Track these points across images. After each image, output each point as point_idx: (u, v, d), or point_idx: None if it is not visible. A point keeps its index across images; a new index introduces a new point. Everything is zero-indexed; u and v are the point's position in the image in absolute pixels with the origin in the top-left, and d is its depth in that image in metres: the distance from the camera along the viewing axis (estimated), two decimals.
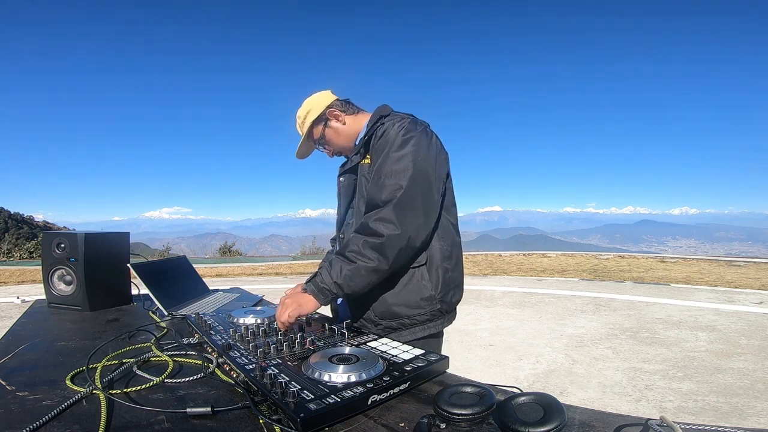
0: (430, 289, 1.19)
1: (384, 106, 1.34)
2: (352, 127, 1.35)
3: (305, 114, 1.36)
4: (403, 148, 1.13)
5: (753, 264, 8.51)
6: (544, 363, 3.39)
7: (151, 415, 0.73)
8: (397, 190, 1.10)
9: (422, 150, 1.14)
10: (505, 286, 6.89)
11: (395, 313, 1.19)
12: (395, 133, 1.16)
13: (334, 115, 1.35)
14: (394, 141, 1.15)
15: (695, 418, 2.45)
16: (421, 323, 1.20)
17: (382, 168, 1.14)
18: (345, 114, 1.35)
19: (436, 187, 1.16)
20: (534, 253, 11.24)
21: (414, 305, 1.18)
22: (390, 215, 1.08)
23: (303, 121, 1.37)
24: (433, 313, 1.21)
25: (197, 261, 11.40)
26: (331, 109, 1.35)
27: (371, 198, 1.15)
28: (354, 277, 1.09)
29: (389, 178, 1.12)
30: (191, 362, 0.99)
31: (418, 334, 1.19)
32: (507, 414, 0.63)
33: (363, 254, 1.08)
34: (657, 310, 5.00)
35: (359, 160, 1.27)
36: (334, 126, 1.35)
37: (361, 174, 1.25)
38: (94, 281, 1.64)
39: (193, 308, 1.59)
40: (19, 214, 52.83)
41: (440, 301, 1.21)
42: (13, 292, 6.63)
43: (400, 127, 1.17)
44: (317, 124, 1.36)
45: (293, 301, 1.11)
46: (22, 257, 13.47)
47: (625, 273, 7.99)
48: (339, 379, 0.77)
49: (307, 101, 1.38)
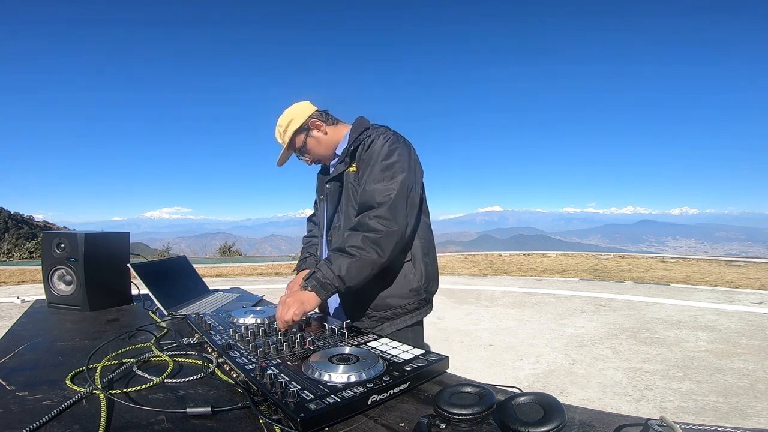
0: (416, 281, 1.34)
1: (363, 118, 1.46)
2: (333, 137, 1.45)
3: (287, 123, 1.42)
4: (391, 158, 1.27)
5: (753, 264, 8.51)
6: (544, 363, 3.39)
7: (151, 415, 0.73)
8: (390, 192, 1.23)
9: (406, 159, 1.29)
10: (505, 286, 6.88)
11: (388, 304, 1.33)
12: (381, 144, 1.30)
13: (316, 125, 1.43)
14: (381, 151, 1.28)
15: (695, 418, 2.45)
16: (410, 312, 1.35)
17: (374, 173, 1.27)
18: (326, 124, 1.44)
19: (416, 191, 1.31)
20: (534, 253, 11.23)
21: (404, 296, 1.33)
22: (386, 214, 1.20)
23: (285, 130, 1.43)
24: (420, 302, 1.36)
25: (197, 261, 11.39)
26: (313, 119, 1.43)
27: (366, 200, 1.25)
28: (355, 269, 1.17)
29: (382, 183, 1.25)
30: (191, 362, 0.99)
31: (407, 321, 1.35)
32: (507, 414, 0.63)
33: (363, 248, 1.18)
34: (657, 310, 5.00)
35: (345, 169, 1.37)
36: (315, 135, 1.43)
37: (347, 181, 1.36)
38: (94, 281, 1.64)
39: (193, 308, 1.59)
40: (19, 214, 52.85)
41: (425, 291, 1.37)
42: (13, 292, 6.63)
43: (385, 139, 1.31)
44: (299, 134, 1.43)
45: (295, 300, 1.12)
46: (22, 257, 13.47)
47: (625, 273, 7.99)
48: (339, 379, 0.77)
49: (289, 111, 1.44)
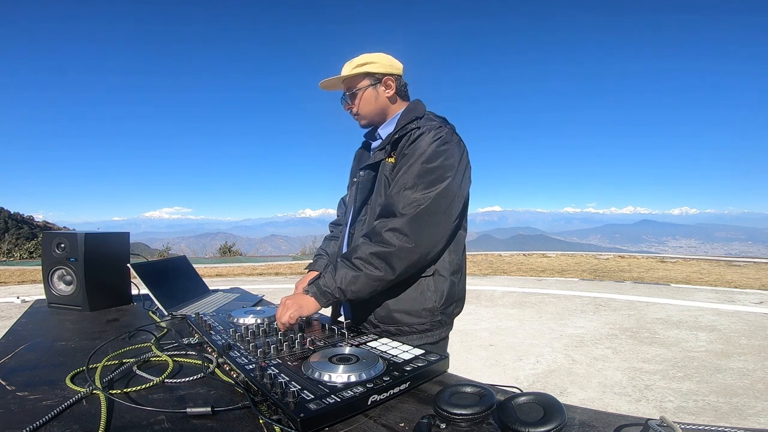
0: (433, 300, 1.18)
1: (419, 102, 1.30)
2: (391, 107, 1.29)
3: (365, 62, 1.25)
4: (434, 161, 1.10)
5: (753, 264, 8.51)
6: (544, 363, 3.39)
7: (151, 415, 0.73)
8: (419, 203, 1.08)
9: (452, 166, 1.12)
10: (505, 286, 6.88)
11: (395, 319, 1.18)
12: (429, 141, 1.12)
13: (387, 83, 1.27)
14: (425, 151, 1.11)
15: (695, 418, 2.44)
16: (420, 332, 1.19)
17: (408, 176, 1.11)
18: (395, 92, 1.28)
19: (456, 205, 1.14)
20: (534, 253, 11.23)
21: (415, 314, 1.18)
22: (404, 227, 1.07)
23: (357, 65, 1.25)
24: (433, 324, 1.19)
25: (197, 261, 11.39)
26: (390, 77, 1.27)
27: (389, 204, 1.12)
28: (357, 284, 1.09)
29: (413, 190, 1.09)
30: (191, 362, 0.99)
31: (414, 342, 1.14)
32: (507, 414, 0.63)
33: (370, 263, 1.08)
34: (657, 310, 5.00)
35: (383, 157, 1.22)
36: (379, 90, 1.27)
37: (383, 171, 1.21)
38: (94, 281, 1.64)
39: (193, 308, 1.59)
40: (19, 214, 52.82)
41: (441, 313, 1.19)
42: (13, 292, 6.63)
43: (435, 136, 1.13)
44: (367, 78, 1.26)
45: (294, 303, 1.10)
46: (22, 257, 13.46)
47: (625, 273, 7.98)
48: (339, 379, 0.77)
49: (377, 55, 1.27)
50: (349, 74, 1.25)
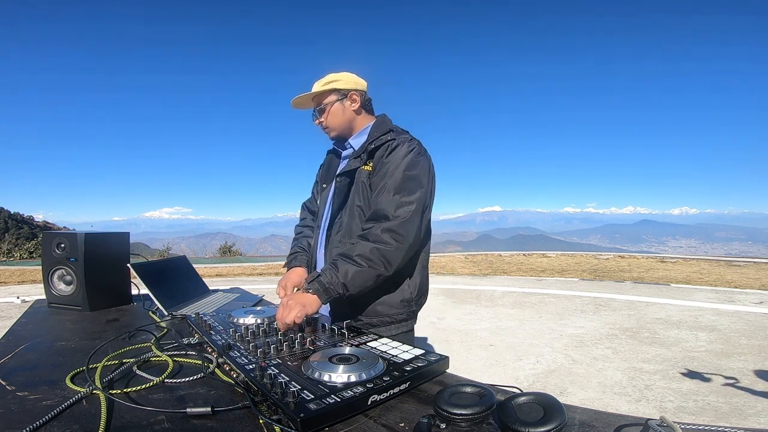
0: (409, 293, 1.33)
1: (386, 117, 1.44)
2: (357, 119, 1.42)
3: (332, 80, 1.39)
4: (414, 170, 1.26)
5: (753, 264, 8.51)
6: (544, 363, 3.39)
7: (151, 415, 0.73)
8: (408, 206, 1.22)
9: (427, 174, 1.29)
10: (505, 286, 6.88)
11: (377, 311, 1.31)
12: (406, 152, 1.28)
13: (353, 98, 1.40)
14: (404, 160, 1.26)
15: (695, 418, 2.44)
16: (398, 322, 1.33)
17: (393, 184, 1.24)
18: (360, 105, 1.41)
19: (429, 207, 1.31)
20: (534, 253, 11.23)
21: (394, 305, 1.32)
22: (399, 228, 1.20)
23: (326, 83, 1.39)
24: (408, 314, 1.35)
25: (197, 261, 11.39)
26: (355, 92, 1.40)
27: (380, 208, 1.24)
28: (360, 279, 1.17)
29: (401, 195, 1.23)
30: (191, 362, 0.99)
31: (392, 331, 1.31)
32: (507, 414, 0.63)
33: (371, 260, 1.17)
34: (657, 310, 5.00)
35: (359, 165, 1.34)
36: (345, 105, 1.40)
37: (359, 178, 1.33)
38: (94, 281, 1.64)
39: (193, 308, 1.59)
40: (19, 214, 52.81)
41: (415, 304, 1.36)
42: (13, 292, 6.63)
43: (410, 148, 1.29)
44: (334, 94, 1.39)
45: (297, 302, 1.11)
46: (22, 257, 13.46)
47: (625, 273, 7.99)
48: (339, 379, 0.77)
49: (342, 74, 1.41)
50: (318, 91, 1.38)
